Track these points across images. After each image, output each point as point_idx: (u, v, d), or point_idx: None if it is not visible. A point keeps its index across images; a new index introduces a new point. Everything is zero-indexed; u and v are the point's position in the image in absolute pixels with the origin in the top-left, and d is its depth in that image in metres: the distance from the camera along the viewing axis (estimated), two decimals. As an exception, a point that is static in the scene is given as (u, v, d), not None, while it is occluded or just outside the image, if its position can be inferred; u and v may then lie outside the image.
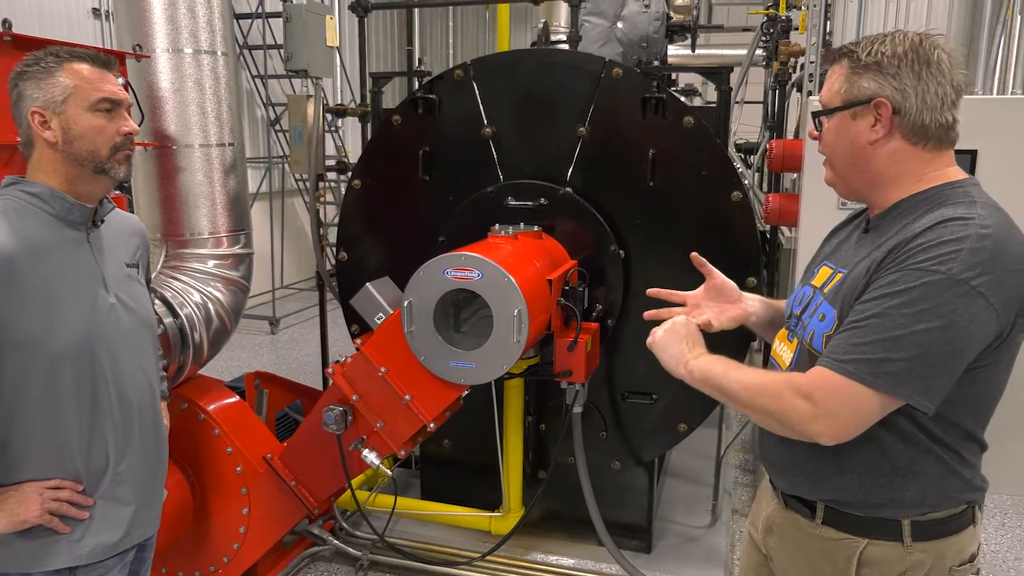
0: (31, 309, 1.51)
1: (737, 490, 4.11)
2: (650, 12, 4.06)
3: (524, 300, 2.31)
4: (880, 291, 1.29)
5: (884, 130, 1.36)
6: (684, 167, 2.89)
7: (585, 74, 2.94)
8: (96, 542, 1.65)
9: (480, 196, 3.06)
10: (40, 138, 1.58)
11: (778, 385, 1.38)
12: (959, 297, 1.23)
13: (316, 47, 3.40)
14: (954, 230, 1.26)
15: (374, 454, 2.56)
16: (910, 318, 1.25)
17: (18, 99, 1.59)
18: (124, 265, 1.75)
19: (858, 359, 1.28)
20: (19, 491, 1.56)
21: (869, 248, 1.41)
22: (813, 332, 1.44)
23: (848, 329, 1.32)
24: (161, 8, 2.77)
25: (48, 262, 1.55)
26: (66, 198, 1.60)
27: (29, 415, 1.55)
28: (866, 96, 1.36)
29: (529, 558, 3.26)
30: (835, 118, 1.42)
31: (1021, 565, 3.45)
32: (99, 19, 6.64)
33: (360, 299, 2.56)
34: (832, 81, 1.43)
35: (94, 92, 1.58)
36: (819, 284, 1.53)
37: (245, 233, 3.09)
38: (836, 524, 1.47)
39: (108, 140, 1.60)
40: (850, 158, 1.42)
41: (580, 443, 2.84)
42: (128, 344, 1.70)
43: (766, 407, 1.39)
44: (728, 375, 1.47)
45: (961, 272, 1.23)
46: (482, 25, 12.99)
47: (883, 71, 1.35)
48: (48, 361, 1.54)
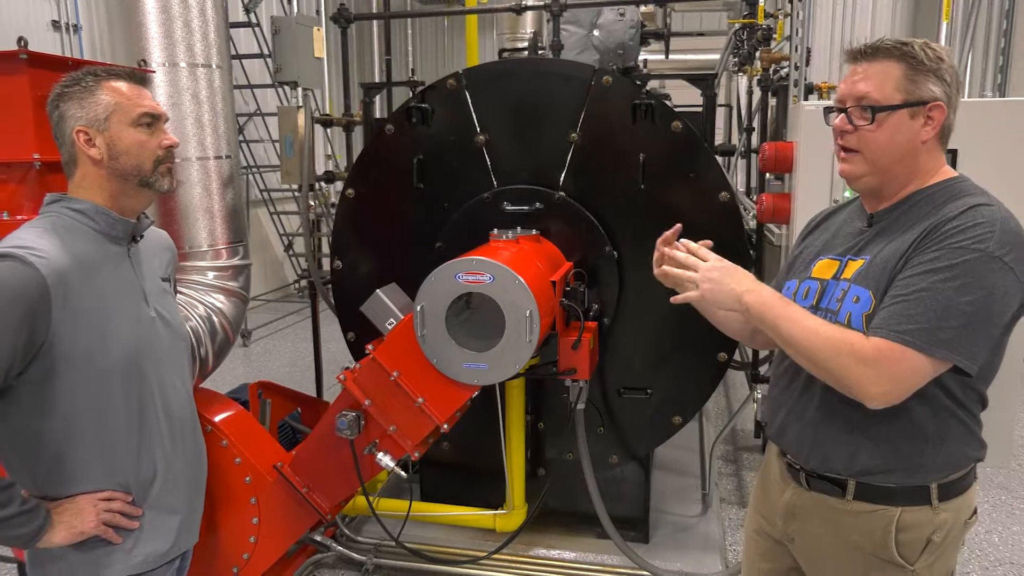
0: (84, 325, 1.54)
1: (722, 480, 4.26)
2: (625, 20, 4.18)
3: (535, 301, 2.39)
4: (924, 267, 1.43)
5: (934, 131, 1.51)
6: (673, 170, 3.01)
7: (576, 82, 3.03)
8: (148, 551, 1.68)
9: (476, 202, 3.14)
10: (85, 156, 1.61)
11: (841, 344, 1.45)
12: (996, 272, 1.39)
13: (305, 58, 3.44)
14: (984, 214, 1.43)
15: (388, 457, 2.61)
16: (956, 291, 1.39)
17: (60, 120, 1.61)
18: (160, 279, 1.79)
19: (914, 328, 1.40)
20: (74, 503, 1.59)
21: (891, 236, 1.54)
22: (850, 314, 1.52)
23: (897, 303, 1.44)
24: (157, 23, 2.78)
25: (97, 278, 1.58)
26: (110, 213, 1.63)
27: (82, 429, 1.58)
28: (928, 98, 1.48)
29: (532, 554, 3.34)
30: (894, 115, 1.49)
31: (992, 537, 3.66)
32: (59, 31, 6.53)
33: (371, 305, 2.61)
34: (884, 79, 1.49)
35: (135, 108, 1.63)
36: (828, 276, 1.63)
37: (243, 244, 3.11)
38: (868, 497, 1.58)
39: (151, 154, 1.65)
40: (899, 154, 1.52)
41: (584, 439, 2.93)
42: (168, 357, 1.74)
43: (826, 362, 1.46)
44: (789, 317, 1.51)
45: (996, 250, 1.39)
46: (441, 31, 13.05)
47: (939, 76, 1.48)
48: (100, 376, 1.57)
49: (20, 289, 1.45)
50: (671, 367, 3.16)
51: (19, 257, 1.47)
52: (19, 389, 1.52)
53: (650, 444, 3.31)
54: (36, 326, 1.47)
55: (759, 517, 1.87)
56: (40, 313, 1.47)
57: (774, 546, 1.82)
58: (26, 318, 1.45)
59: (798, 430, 1.67)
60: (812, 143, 2.43)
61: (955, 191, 1.52)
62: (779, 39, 3.65)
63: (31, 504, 1.53)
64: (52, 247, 1.52)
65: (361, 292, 2.87)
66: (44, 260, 1.49)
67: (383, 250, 3.33)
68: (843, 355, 1.44)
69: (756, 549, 1.90)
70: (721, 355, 3.10)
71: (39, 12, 6.38)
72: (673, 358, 3.14)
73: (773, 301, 1.56)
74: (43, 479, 1.60)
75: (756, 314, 1.55)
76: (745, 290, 1.57)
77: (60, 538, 1.56)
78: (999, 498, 4.05)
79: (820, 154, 2.38)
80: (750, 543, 1.93)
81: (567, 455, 3.29)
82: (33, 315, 1.46)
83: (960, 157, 2.22)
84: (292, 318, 8.73)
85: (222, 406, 2.93)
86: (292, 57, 3.37)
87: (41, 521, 1.54)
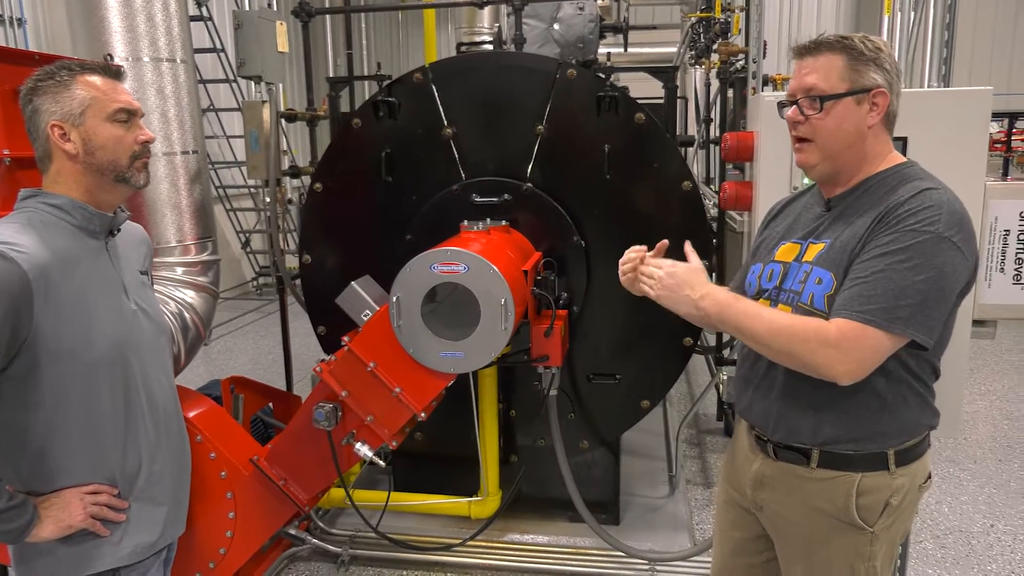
0: (67, 320, 1.54)
1: (687, 462, 4.38)
2: (584, 14, 4.25)
3: (509, 290, 2.44)
4: (879, 250, 1.53)
5: (879, 116, 1.61)
6: (637, 160, 3.09)
7: (541, 75, 3.09)
8: (135, 543, 1.69)
9: (445, 194, 3.18)
10: (60, 150, 1.60)
11: (805, 331, 1.54)
12: (946, 251, 1.50)
13: (268, 53, 3.43)
14: (933, 197, 1.54)
15: (367, 447, 2.64)
16: (910, 271, 1.49)
17: (33, 114, 1.60)
18: (138, 272, 1.79)
19: (874, 308, 1.50)
20: (60, 497, 1.59)
21: (848, 220, 1.64)
22: (813, 295, 1.63)
23: (856, 285, 1.54)
24: (119, 17, 2.75)
25: (77, 272, 1.58)
26: (87, 208, 1.63)
27: (67, 423, 1.58)
28: (870, 85, 1.59)
29: (506, 539, 3.41)
30: (840, 103, 1.60)
31: (943, 508, 3.84)
32: (3, 25, 6.34)
33: (346, 297, 2.63)
34: (827, 70, 1.60)
35: (111, 103, 1.62)
36: (790, 259, 1.73)
37: (212, 240, 3.10)
38: (831, 465, 1.68)
39: (127, 149, 1.64)
40: (849, 140, 1.63)
41: (557, 425, 3.01)
42: (151, 349, 1.75)
43: (792, 350, 1.56)
44: (748, 313, 1.62)
45: (945, 231, 1.50)
46: (395, 26, 12.96)
47: (880, 65, 1.60)
48: (85, 369, 1.58)
49: (2, 285, 1.45)
50: (638, 353, 3.25)
51: (0, 253, 1.47)
52: (2, 385, 1.52)
53: (619, 428, 3.40)
54: (19, 322, 1.47)
55: (729, 488, 1.97)
56: (23, 308, 1.47)
57: (743, 515, 1.92)
58: (8, 314, 1.45)
59: (765, 406, 1.77)
60: (772, 132, 2.52)
61: (905, 176, 1.63)
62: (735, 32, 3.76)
63: (18, 500, 1.53)
64: (31, 242, 1.52)
65: (331, 286, 2.89)
66: (25, 255, 1.48)
67: (352, 243, 3.35)
68: (808, 340, 1.53)
69: (727, 518, 1.99)
70: (687, 340, 3.20)
71: (-19, 5, 6.19)
72: (640, 344, 3.23)
73: (728, 300, 1.66)
74: (28, 474, 1.60)
75: (715, 316, 1.66)
76: (700, 296, 1.67)
77: (48, 532, 1.57)
78: (947, 470, 4.25)
79: (780, 143, 2.48)
80: (721, 514, 2.03)
81: (539, 441, 3.36)
82: (16, 311, 1.46)
83: (910, 144, 2.34)
84: (251, 316, 8.62)
85: (195, 402, 2.92)
86: (256, 52, 3.36)
87: (29, 516, 1.54)
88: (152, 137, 1.70)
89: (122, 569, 1.68)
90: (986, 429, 4.84)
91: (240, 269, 9.99)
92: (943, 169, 2.36)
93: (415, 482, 3.54)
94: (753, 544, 1.93)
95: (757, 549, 1.93)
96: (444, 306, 2.64)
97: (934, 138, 2.33)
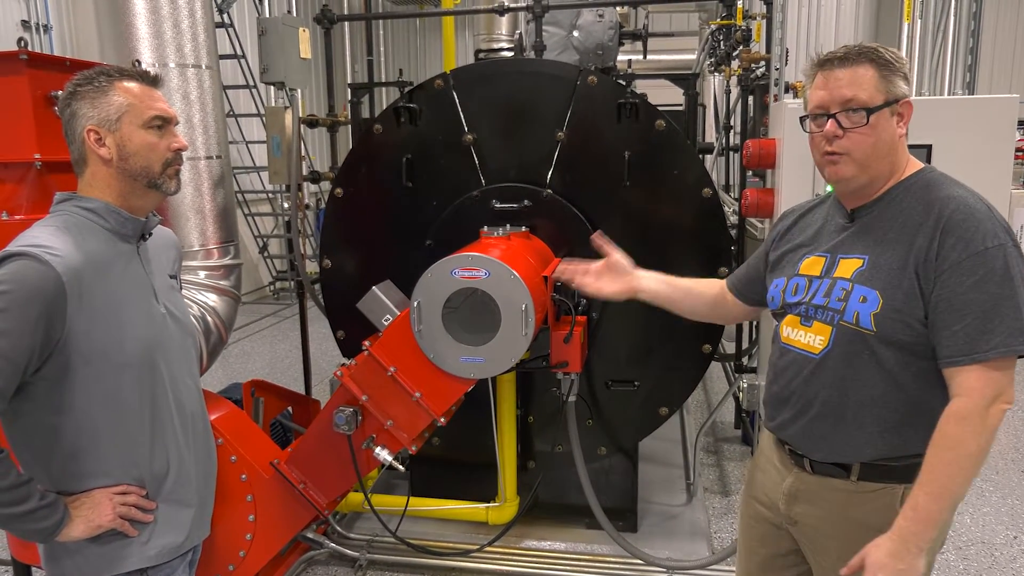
0: (99, 322, 1.56)
1: (705, 470, 4.36)
2: (604, 21, 4.26)
3: (530, 295, 2.45)
4: (963, 284, 1.51)
5: (904, 128, 1.64)
6: (657, 167, 3.09)
7: (562, 82, 3.10)
8: (162, 544, 1.71)
9: (465, 200, 3.19)
10: (95, 155, 1.62)
11: (965, 431, 1.50)
12: (1015, 255, 1.52)
13: (291, 59, 3.46)
14: (976, 209, 1.55)
15: (386, 451, 2.65)
16: (1000, 288, 1.51)
17: (71, 118, 1.62)
18: (168, 276, 1.81)
19: (995, 340, 1.49)
20: (90, 497, 1.61)
21: (880, 233, 1.63)
22: (858, 313, 1.60)
23: (964, 322, 1.51)
24: (147, 23, 2.79)
25: (110, 276, 1.60)
26: (120, 212, 1.65)
27: (98, 424, 1.60)
28: (901, 95, 1.61)
29: (524, 545, 3.40)
30: (880, 114, 1.59)
31: (964, 519, 3.80)
32: (29, 31, 6.44)
33: (367, 302, 2.65)
34: (864, 82, 1.58)
35: (147, 110, 1.64)
36: (817, 272, 1.70)
37: (234, 244, 3.13)
38: (873, 477, 1.65)
39: (160, 156, 1.67)
40: (885, 151, 1.62)
41: (575, 431, 3.00)
42: (178, 352, 1.76)
43: (983, 446, 1.51)
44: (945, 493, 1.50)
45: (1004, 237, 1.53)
46: (414, 32, 13.04)
47: (904, 74, 1.62)
48: (115, 371, 1.60)
49: (36, 287, 1.46)
50: (657, 359, 3.25)
51: (34, 255, 1.48)
52: (35, 386, 1.54)
53: (638, 435, 3.39)
54: (52, 324, 1.49)
55: (755, 504, 1.91)
56: (56, 311, 1.49)
57: (773, 531, 1.86)
58: (42, 316, 1.47)
59: (804, 425, 1.72)
60: (794, 139, 2.52)
61: (928, 182, 1.63)
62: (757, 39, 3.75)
63: (50, 499, 1.55)
64: (66, 245, 1.54)
65: (350, 290, 2.91)
66: (59, 258, 1.50)
67: (372, 248, 3.37)
68: (977, 431, 1.49)
69: (753, 535, 1.94)
70: (705, 347, 3.19)
71: (9, 12, 6.30)
72: (659, 350, 3.23)
73: (926, 505, 1.52)
74: (59, 475, 1.62)
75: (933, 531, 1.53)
76: (919, 548, 1.52)
77: (78, 532, 1.58)
78: (969, 481, 4.19)
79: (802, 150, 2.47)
80: (746, 529, 1.97)
81: (557, 448, 3.36)
82: (49, 313, 1.48)
83: (934, 152, 2.33)
84: (269, 320, 8.68)
85: (216, 405, 2.94)
86: (279, 58, 3.39)
87: (60, 515, 1.56)
88: (185, 145, 1.73)
89: (150, 570, 1.69)
90: (1008, 440, 4.79)
91: (257, 273, 10.06)
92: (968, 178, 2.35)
93: (433, 487, 3.55)
94: (783, 560, 1.89)
95: (787, 564, 1.89)
96: (464, 311, 2.64)
97: (959, 146, 2.32)
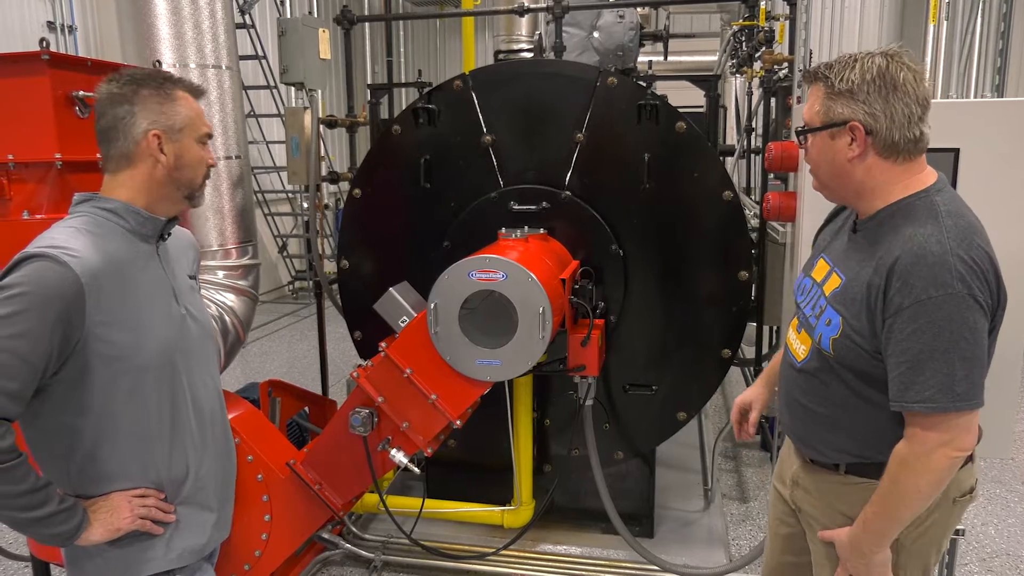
0: (118, 324, 1.55)
1: (723, 476, 4.31)
2: (625, 22, 4.23)
3: (547, 298, 2.43)
4: (905, 332, 1.48)
5: (859, 149, 1.54)
6: (677, 169, 3.06)
7: (581, 83, 3.08)
8: (184, 546, 1.70)
9: (483, 201, 3.17)
10: (151, 157, 1.61)
11: (907, 473, 1.53)
12: (967, 308, 1.44)
13: (311, 60, 3.47)
14: (934, 251, 1.45)
15: (401, 453, 2.64)
16: (938, 341, 1.46)
17: (129, 116, 1.59)
18: (187, 277, 1.81)
19: (932, 394, 1.48)
20: (108, 501, 1.60)
21: (861, 256, 1.60)
22: (821, 335, 1.65)
23: (901, 370, 1.50)
24: (168, 24, 2.81)
25: (129, 276, 1.59)
26: (140, 212, 1.63)
27: (116, 427, 1.59)
28: (841, 119, 1.54)
29: (539, 549, 3.38)
30: (817, 136, 1.59)
31: (989, 530, 3.73)
32: (54, 32, 6.52)
33: (384, 303, 2.64)
34: (812, 102, 1.59)
35: (203, 126, 1.67)
36: (819, 279, 1.73)
37: (252, 244, 3.13)
38: (859, 472, 1.70)
39: (204, 170, 1.69)
40: (832, 172, 1.61)
41: (592, 435, 2.98)
42: (198, 353, 1.75)
43: (924, 488, 1.53)
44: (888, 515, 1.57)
45: (959, 287, 1.43)
46: (434, 33, 13.07)
47: (855, 97, 1.51)
48: (134, 374, 1.58)
49: (55, 289, 1.45)
50: (675, 363, 3.21)
51: (53, 257, 1.47)
52: (53, 388, 1.53)
53: (655, 440, 3.36)
54: (71, 326, 1.48)
55: (778, 483, 2.01)
56: (75, 312, 1.48)
57: (789, 512, 1.95)
58: (61, 318, 1.46)
59: (795, 425, 1.82)
60: (817, 142, 2.47)
61: (912, 210, 1.54)
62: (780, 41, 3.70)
63: (69, 503, 1.53)
64: (84, 246, 1.53)
65: (368, 291, 2.91)
66: (78, 259, 1.49)
67: (390, 249, 3.37)
68: (919, 472, 1.52)
69: (775, 514, 2.03)
70: (725, 352, 3.15)
71: (34, 13, 6.37)
72: (677, 355, 3.19)
73: (874, 523, 1.60)
74: (77, 477, 1.61)
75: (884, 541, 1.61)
76: (871, 551, 1.62)
77: (98, 536, 1.57)
78: (994, 491, 4.12)
79: (825, 153, 2.44)
80: (771, 510, 2.07)
81: (573, 451, 3.33)
82: (68, 315, 1.47)
83: (962, 156, 2.28)
84: (287, 319, 8.73)
85: (233, 404, 2.94)
86: (298, 58, 3.40)
87: (79, 519, 1.54)
88: (216, 162, 1.74)
89: (175, 572, 1.69)
90: (1034, 450, 4.70)
91: (276, 273, 10.12)
92: (997, 183, 2.31)
93: (448, 489, 3.54)
94: (800, 542, 1.93)
95: (803, 548, 1.92)
96: (481, 314, 2.63)
97: (987, 150, 2.27)
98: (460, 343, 2.53)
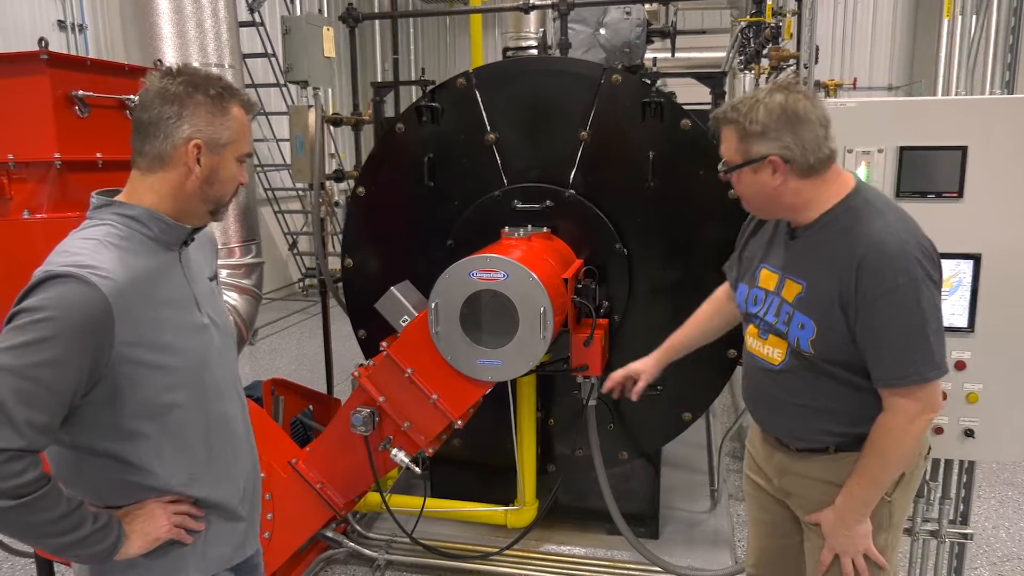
0: (147, 343, 1.48)
1: (730, 476, 4.28)
2: (631, 19, 4.21)
3: (549, 298, 2.41)
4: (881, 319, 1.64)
5: (782, 177, 1.70)
6: (682, 168, 3.03)
7: (585, 80, 3.05)
8: (218, 554, 1.66)
9: (487, 200, 3.16)
10: (184, 166, 1.52)
11: (891, 437, 1.70)
12: (928, 288, 1.62)
13: (315, 58, 3.46)
14: (891, 245, 1.62)
15: (403, 453, 2.64)
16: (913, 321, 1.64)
17: (175, 119, 1.51)
18: (207, 280, 1.72)
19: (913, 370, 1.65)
20: (143, 509, 1.55)
21: (813, 259, 1.74)
22: (798, 339, 1.76)
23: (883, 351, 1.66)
24: (170, 23, 2.81)
25: (154, 289, 1.52)
26: (164, 219, 1.55)
27: (147, 444, 1.53)
28: (760, 156, 1.69)
29: (542, 549, 3.37)
30: (742, 172, 1.74)
31: (1000, 533, 3.68)
32: (65, 31, 6.55)
33: (385, 302, 2.63)
34: (728, 143, 1.76)
35: (246, 146, 1.59)
36: (771, 287, 1.85)
37: (256, 243, 3.13)
38: (849, 448, 1.80)
39: (234, 188, 1.62)
40: (764, 199, 1.76)
41: (596, 435, 2.96)
42: (222, 360, 1.69)
43: (902, 452, 1.72)
44: (869, 480, 1.74)
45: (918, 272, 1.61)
46: (443, 30, 13.06)
47: (767, 136, 1.67)
48: (163, 389, 1.52)
49: (84, 313, 1.38)
50: (681, 363, 3.16)
51: (80, 277, 1.39)
52: (83, 410, 1.46)
53: (660, 440, 3.33)
54: (100, 348, 1.42)
55: (754, 476, 2.11)
56: (104, 336, 1.41)
57: (771, 500, 2.04)
58: (90, 341, 1.39)
59: (780, 421, 1.93)
60: (823, 140, 2.44)
61: (855, 212, 1.70)
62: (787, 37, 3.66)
63: (103, 519, 1.48)
64: (111, 263, 1.45)
65: (372, 289, 2.89)
66: (106, 280, 1.42)
67: (394, 248, 3.35)
68: (901, 439, 1.69)
69: (755, 505, 2.12)
70: (731, 352, 3.11)
71: (45, 12, 6.41)
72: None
73: (859, 493, 1.76)
74: (109, 495, 1.55)
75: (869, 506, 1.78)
76: (857, 520, 1.78)
77: (136, 548, 1.52)
78: (1006, 494, 4.07)
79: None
80: (749, 503, 2.17)
81: (577, 451, 3.31)
82: (97, 338, 1.40)
83: (970, 152, 2.24)
84: (297, 316, 8.76)
85: (236, 403, 2.95)
86: (303, 56, 3.39)
87: (116, 534, 1.49)
88: (247, 182, 1.70)
89: None
90: (1048, 451, 4.62)
91: (287, 270, 10.16)
92: (1006, 180, 2.27)
93: (451, 489, 3.52)
94: (786, 526, 2.02)
95: (788, 531, 2.02)
96: (482, 313, 2.61)
97: (996, 147, 2.23)
98: (461, 343, 2.52)
